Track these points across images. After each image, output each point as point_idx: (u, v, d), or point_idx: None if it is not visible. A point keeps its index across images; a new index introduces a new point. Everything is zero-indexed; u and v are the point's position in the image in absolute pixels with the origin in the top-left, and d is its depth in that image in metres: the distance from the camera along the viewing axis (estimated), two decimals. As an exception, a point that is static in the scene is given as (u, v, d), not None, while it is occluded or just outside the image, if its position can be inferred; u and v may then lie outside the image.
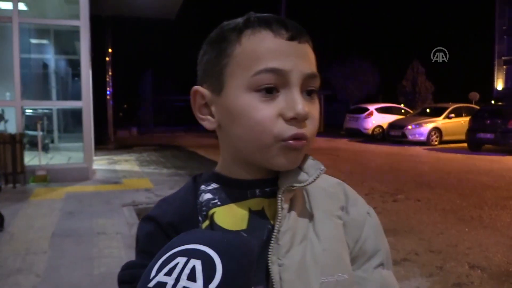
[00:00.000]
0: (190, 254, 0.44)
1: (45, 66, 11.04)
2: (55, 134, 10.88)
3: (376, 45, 33.94)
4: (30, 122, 8.49)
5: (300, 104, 0.56)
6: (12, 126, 7.37)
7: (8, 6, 7.16)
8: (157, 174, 8.19)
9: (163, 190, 6.36)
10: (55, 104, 10.38)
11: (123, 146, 13.87)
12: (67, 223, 4.66)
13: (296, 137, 0.57)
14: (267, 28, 0.58)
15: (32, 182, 6.78)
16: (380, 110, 17.63)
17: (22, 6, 7.48)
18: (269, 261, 0.58)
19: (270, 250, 0.58)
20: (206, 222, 0.60)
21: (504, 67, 31.90)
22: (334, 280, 0.59)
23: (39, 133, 7.32)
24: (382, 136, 16.58)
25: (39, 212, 5.13)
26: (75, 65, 10.08)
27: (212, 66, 0.60)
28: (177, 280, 0.42)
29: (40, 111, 9.79)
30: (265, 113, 0.56)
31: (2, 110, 8.42)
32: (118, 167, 9.19)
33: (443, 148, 13.39)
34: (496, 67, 32.25)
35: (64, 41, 10.23)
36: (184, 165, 9.42)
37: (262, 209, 0.61)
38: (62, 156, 9.00)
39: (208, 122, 0.63)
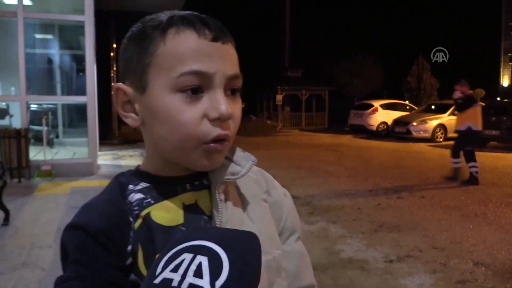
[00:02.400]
0: (197, 251, 0.44)
1: (49, 61, 11.08)
2: (60, 129, 10.93)
3: (381, 41, 33.76)
4: (35, 117, 8.54)
5: (224, 104, 0.57)
6: (17, 121, 7.41)
7: (13, 1, 7.17)
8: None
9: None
10: (60, 99, 10.42)
11: (127, 141, 13.91)
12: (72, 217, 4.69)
13: (219, 138, 0.58)
14: (191, 28, 0.57)
15: (37, 177, 6.82)
16: (385, 107, 17.56)
17: (26, 1, 7.50)
18: None
19: None
20: (139, 221, 0.60)
21: (510, 63, 31.66)
22: (272, 257, 0.65)
23: (44, 128, 7.35)
24: (387, 132, 16.53)
25: (44, 206, 5.16)
26: (79, 60, 10.13)
27: (134, 63, 0.60)
28: (183, 276, 0.42)
29: (45, 106, 9.83)
30: (190, 114, 0.57)
31: (7, 105, 8.47)
32: (122, 162, 9.22)
33: (448, 145, 13.28)
34: (502, 64, 32.01)
35: (69, 36, 10.26)
36: (188, 161, 9.42)
37: (195, 202, 0.63)
38: (67, 151, 9.04)
39: (131, 119, 0.62)
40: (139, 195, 0.62)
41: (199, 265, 0.42)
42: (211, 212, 0.63)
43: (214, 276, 0.42)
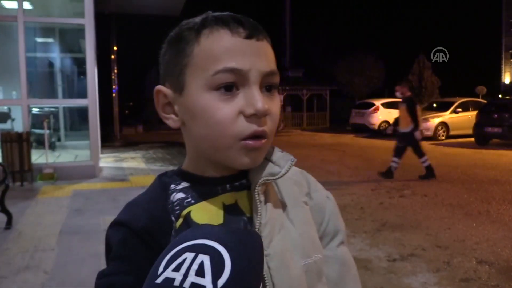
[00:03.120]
0: (198, 250, 0.44)
1: (50, 64, 11.09)
2: (62, 132, 10.95)
3: (382, 39, 33.74)
4: (37, 120, 8.55)
5: (260, 101, 0.57)
6: (18, 125, 7.42)
7: (13, 5, 7.19)
8: (163, 171, 8.20)
9: (169, 187, 6.38)
10: (61, 102, 10.43)
11: (129, 144, 13.93)
12: (75, 220, 4.70)
13: (255, 135, 0.58)
14: (225, 27, 0.58)
15: (40, 180, 6.83)
16: (386, 105, 17.53)
17: (27, 5, 7.51)
18: None
19: None
20: (180, 221, 0.61)
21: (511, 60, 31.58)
22: (313, 261, 0.64)
23: (46, 132, 7.36)
24: (388, 131, 16.49)
25: (47, 209, 5.17)
26: (80, 63, 10.12)
27: (173, 65, 0.61)
28: (185, 275, 0.42)
29: (46, 109, 9.84)
30: (225, 112, 0.57)
31: (9, 109, 8.49)
32: (124, 164, 9.23)
33: (450, 143, 13.30)
34: (503, 61, 31.95)
35: (69, 39, 10.27)
36: (190, 162, 9.43)
37: (235, 202, 0.63)
38: (69, 154, 9.05)
39: (171, 120, 0.63)
40: (180, 195, 0.63)
41: (201, 264, 0.42)
42: (251, 213, 0.62)
43: (216, 275, 0.42)
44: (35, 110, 9.03)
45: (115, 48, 14.63)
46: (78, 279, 3.17)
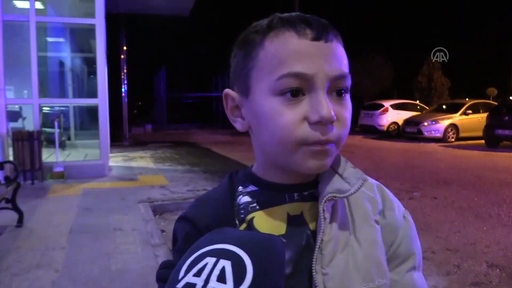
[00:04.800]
0: (220, 255, 0.43)
1: (61, 64, 11.18)
2: (72, 131, 11.03)
3: (391, 40, 33.53)
4: (47, 119, 8.63)
5: (325, 107, 0.54)
6: (29, 124, 7.49)
7: (25, 5, 7.26)
8: (172, 170, 8.24)
9: (178, 186, 6.40)
10: (72, 102, 10.52)
11: (138, 143, 13.99)
12: (85, 219, 4.73)
13: (319, 143, 0.55)
14: (291, 29, 0.56)
15: (50, 179, 6.89)
16: (395, 107, 17.44)
17: (39, 5, 7.58)
18: (313, 271, 0.57)
19: (314, 260, 0.58)
20: (244, 225, 0.60)
21: (523, 61, 31.18)
22: (376, 286, 0.59)
23: (56, 130, 7.42)
24: (398, 132, 16.40)
25: (57, 208, 5.21)
26: (91, 63, 10.21)
27: (240, 69, 0.61)
28: (207, 281, 0.41)
29: (57, 108, 9.93)
30: (289, 117, 0.55)
31: (20, 108, 8.58)
32: (133, 164, 9.28)
33: (460, 145, 13.18)
34: (514, 62, 31.56)
35: (80, 39, 10.35)
36: (198, 162, 9.46)
37: (301, 213, 0.61)
38: (79, 153, 9.12)
39: (239, 124, 0.63)
40: (246, 198, 0.63)
41: (222, 270, 0.42)
42: (316, 226, 0.60)
43: (237, 281, 0.41)
44: (46, 109, 9.12)
45: (125, 48, 14.72)
46: (88, 278, 3.18)
